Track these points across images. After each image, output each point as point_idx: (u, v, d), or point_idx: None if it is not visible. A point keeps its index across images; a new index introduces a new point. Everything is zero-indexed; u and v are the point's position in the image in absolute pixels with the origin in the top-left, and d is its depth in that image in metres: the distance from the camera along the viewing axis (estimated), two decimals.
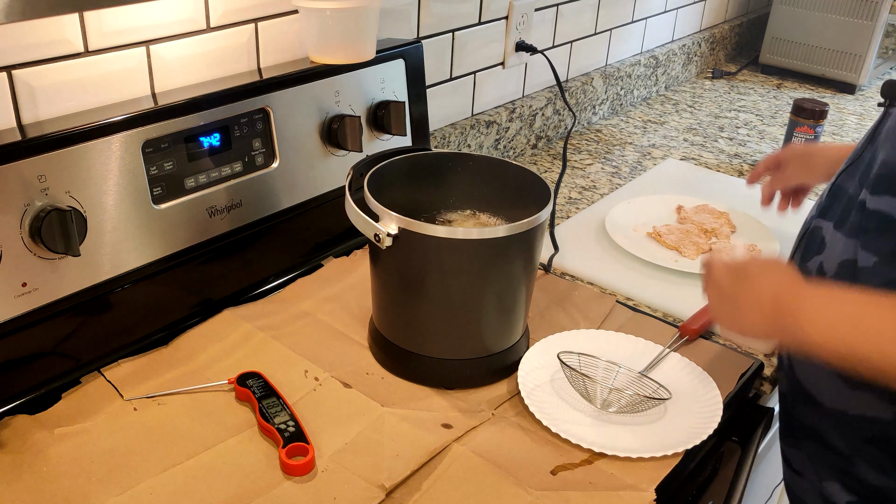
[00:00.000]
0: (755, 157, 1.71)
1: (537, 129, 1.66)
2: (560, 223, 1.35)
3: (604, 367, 0.95)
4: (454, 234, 0.85)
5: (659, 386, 0.92)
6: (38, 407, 0.85)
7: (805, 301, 0.75)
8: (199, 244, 0.99)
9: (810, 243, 0.91)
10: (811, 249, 0.90)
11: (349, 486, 0.78)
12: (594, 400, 0.90)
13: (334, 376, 0.92)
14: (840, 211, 0.86)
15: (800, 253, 0.93)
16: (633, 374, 0.95)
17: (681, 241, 1.29)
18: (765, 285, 0.79)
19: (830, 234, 0.87)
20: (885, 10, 2.05)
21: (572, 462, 0.83)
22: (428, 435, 0.85)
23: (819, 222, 0.90)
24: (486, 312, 0.91)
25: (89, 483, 0.77)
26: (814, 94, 2.15)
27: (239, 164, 1.02)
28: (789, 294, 0.76)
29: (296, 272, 1.12)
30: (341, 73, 1.11)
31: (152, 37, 0.97)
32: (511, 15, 1.50)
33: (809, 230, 0.92)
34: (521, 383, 0.91)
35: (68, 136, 0.84)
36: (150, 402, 0.87)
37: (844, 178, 0.88)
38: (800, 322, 0.74)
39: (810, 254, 0.90)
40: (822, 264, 0.87)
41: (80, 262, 0.87)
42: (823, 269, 0.87)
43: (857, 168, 0.87)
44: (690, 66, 2.19)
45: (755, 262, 0.82)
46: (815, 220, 0.91)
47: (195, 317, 1.00)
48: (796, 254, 0.95)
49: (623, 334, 1.02)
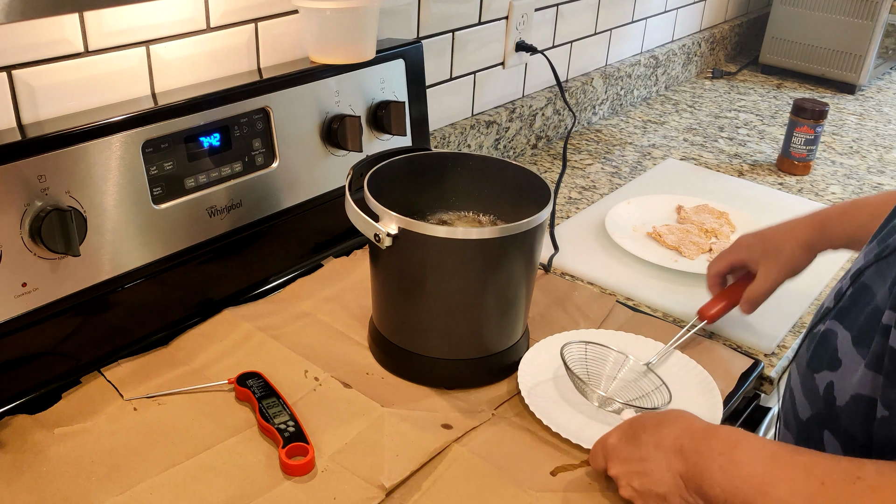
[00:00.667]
0: (755, 157, 1.71)
1: (537, 129, 1.66)
2: (560, 223, 1.35)
3: (613, 357, 0.95)
4: (454, 234, 0.85)
5: (662, 384, 0.92)
6: (39, 407, 0.85)
7: (709, 458, 0.67)
8: (199, 244, 0.99)
9: (821, 350, 0.73)
10: (822, 360, 0.73)
11: (349, 486, 0.78)
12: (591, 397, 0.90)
13: (334, 376, 0.92)
14: (862, 322, 0.68)
15: (806, 354, 0.77)
16: (639, 366, 0.94)
17: (681, 241, 1.29)
18: (667, 443, 0.71)
19: (847, 349, 0.69)
20: (885, 10, 2.05)
21: (572, 462, 0.83)
22: (428, 435, 0.85)
23: (834, 326, 0.72)
24: (486, 312, 0.91)
25: (89, 483, 0.77)
26: (814, 94, 2.15)
27: (239, 164, 1.02)
28: (692, 444, 0.69)
29: (296, 272, 1.12)
30: (341, 73, 1.11)
31: (152, 37, 0.97)
32: (511, 15, 1.50)
33: (822, 333, 0.74)
34: (522, 383, 0.91)
35: (68, 136, 0.84)
36: (150, 402, 0.87)
37: (873, 275, 0.69)
38: (703, 480, 0.67)
39: (820, 366, 0.73)
40: (833, 387, 0.71)
41: (80, 262, 0.87)
42: (834, 394, 0.71)
43: (891, 267, 0.67)
44: (690, 66, 2.19)
45: (652, 416, 0.76)
46: (830, 322, 0.73)
47: (195, 317, 1.00)
48: (801, 352, 0.79)
49: (623, 332, 1.02)
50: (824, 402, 0.72)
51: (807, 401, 0.75)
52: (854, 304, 0.71)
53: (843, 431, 0.70)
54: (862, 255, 0.76)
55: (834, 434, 0.71)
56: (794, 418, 0.78)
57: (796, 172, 1.63)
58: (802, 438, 0.76)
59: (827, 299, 0.79)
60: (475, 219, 1.03)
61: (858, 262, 0.75)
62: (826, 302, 0.78)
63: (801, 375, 0.77)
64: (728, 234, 1.33)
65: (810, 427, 0.74)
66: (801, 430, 0.76)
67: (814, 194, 1.55)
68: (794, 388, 0.78)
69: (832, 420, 0.71)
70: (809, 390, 0.74)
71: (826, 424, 0.72)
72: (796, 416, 0.77)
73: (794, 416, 0.77)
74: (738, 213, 1.39)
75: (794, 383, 0.79)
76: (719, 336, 1.08)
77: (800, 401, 0.76)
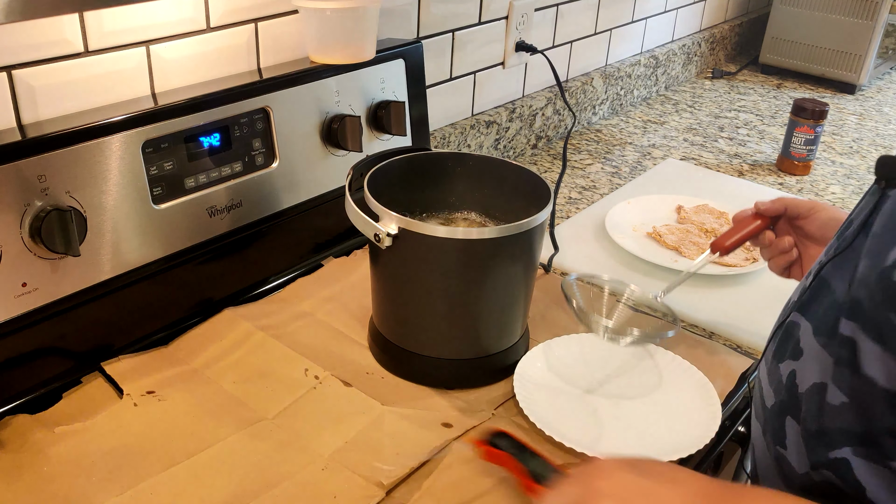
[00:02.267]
0: (755, 157, 1.72)
1: (537, 129, 1.66)
2: (560, 223, 1.35)
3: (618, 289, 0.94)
4: (454, 234, 0.85)
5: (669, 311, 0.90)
6: (39, 406, 0.85)
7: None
8: (199, 244, 0.99)
9: (786, 341, 0.75)
10: (786, 350, 0.75)
11: (349, 484, 0.78)
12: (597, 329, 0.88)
13: (334, 375, 0.92)
14: (821, 314, 0.70)
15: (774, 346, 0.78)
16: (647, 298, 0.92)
17: (681, 241, 1.29)
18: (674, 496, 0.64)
19: (808, 340, 0.71)
20: (885, 10, 2.05)
21: (573, 463, 0.83)
22: (428, 433, 0.85)
23: (797, 318, 0.74)
24: (486, 312, 0.91)
25: (89, 482, 0.77)
26: (814, 94, 2.15)
27: (239, 164, 1.02)
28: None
29: (296, 272, 1.12)
30: (341, 73, 1.11)
31: (152, 37, 0.97)
32: (511, 15, 1.50)
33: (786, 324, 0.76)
34: (517, 388, 0.90)
35: (68, 136, 0.84)
36: (151, 400, 0.87)
37: (831, 270, 0.72)
38: None
39: (784, 355, 0.75)
40: (796, 374, 0.72)
41: (80, 262, 0.87)
42: (796, 382, 0.72)
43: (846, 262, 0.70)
44: (690, 66, 2.19)
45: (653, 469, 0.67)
46: (793, 315, 0.75)
47: (195, 317, 1.00)
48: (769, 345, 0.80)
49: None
50: (787, 391, 0.73)
51: (772, 389, 0.76)
52: (814, 297, 0.73)
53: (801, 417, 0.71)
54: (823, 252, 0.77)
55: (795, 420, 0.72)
56: (761, 408, 0.78)
57: (796, 172, 1.63)
58: (768, 426, 0.77)
59: (793, 294, 0.80)
60: (475, 219, 1.03)
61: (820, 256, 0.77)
62: (792, 296, 0.80)
63: (767, 366, 0.78)
64: None
65: (774, 414, 0.75)
66: (766, 419, 0.77)
67: (814, 194, 1.55)
68: (762, 380, 0.79)
69: (793, 407, 0.72)
70: (774, 379, 0.75)
71: (788, 411, 0.73)
72: (763, 405, 0.78)
73: (762, 405, 0.78)
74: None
75: (761, 375, 0.80)
76: (719, 336, 1.08)
77: (766, 391, 0.77)
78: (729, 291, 1.17)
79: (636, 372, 0.96)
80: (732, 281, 1.21)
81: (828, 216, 0.95)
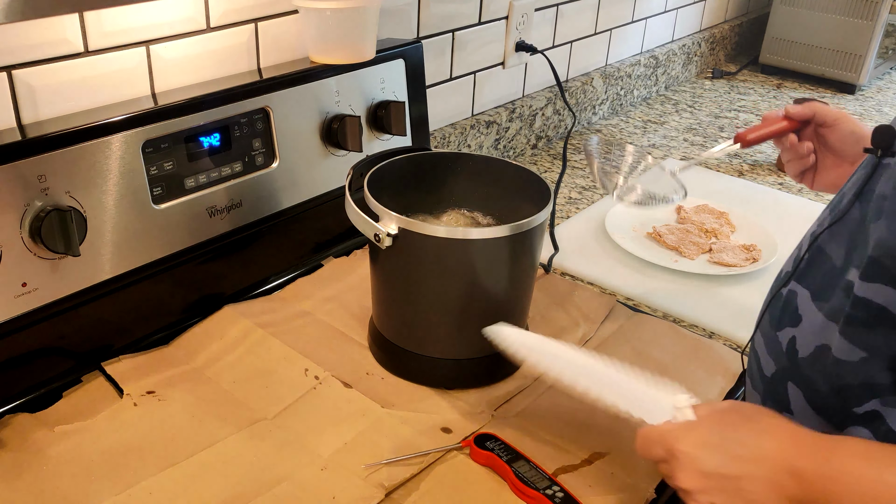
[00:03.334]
0: (755, 157, 1.71)
1: (537, 129, 1.66)
2: (560, 223, 1.35)
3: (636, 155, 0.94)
4: (454, 234, 0.85)
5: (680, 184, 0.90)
6: (39, 406, 0.85)
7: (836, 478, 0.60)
8: (199, 244, 0.99)
9: (783, 310, 0.77)
10: (784, 318, 0.77)
11: (348, 485, 0.78)
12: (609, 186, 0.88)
13: (334, 375, 0.92)
14: (819, 280, 0.74)
15: (769, 316, 0.80)
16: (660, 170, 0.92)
17: (681, 241, 1.29)
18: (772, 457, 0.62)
19: (807, 306, 0.74)
20: (885, 10, 2.05)
21: (572, 464, 0.83)
22: (428, 439, 0.85)
23: (795, 287, 0.77)
24: (485, 312, 0.91)
25: (89, 482, 0.77)
26: (814, 94, 2.15)
27: (239, 164, 1.02)
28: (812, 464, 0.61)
29: (296, 272, 1.12)
30: (341, 73, 1.11)
31: (152, 37, 0.97)
32: (511, 15, 1.50)
33: (784, 295, 0.78)
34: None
35: (68, 136, 0.84)
36: (151, 400, 0.87)
37: (826, 238, 0.75)
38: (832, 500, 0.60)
39: (782, 323, 0.77)
40: (796, 340, 0.74)
41: (80, 262, 0.87)
42: (796, 347, 0.74)
43: (842, 230, 0.73)
44: (690, 66, 2.19)
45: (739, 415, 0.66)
46: (791, 284, 0.77)
47: (195, 317, 1.00)
48: (765, 315, 0.81)
49: None
50: (787, 357, 0.74)
51: (771, 358, 0.77)
52: (811, 265, 0.76)
53: (805, 382, 0.72)
54: (816, 222, 0.80)
55: (797, 385, 0.73)
56: (759, 377, 0.79)
57: None
58: (769, 394, 0.77)
59: (785, 265, 0.82)
60: (475, 219, 1.03)
61: (812, 228, 0.79)
62: (785, 267, 0.81)
63: (764, 336, 0.79)
64: (728, 234, 1.33)
65: (775, 382, 0.76)
66: (766, 387, 0.78)
67: (814, 194, 1.55)
68: (759, 350, 0.80)
69: (795, 372, 0.73)
70: (773, 347, 0.76)
71: (789, 377, 0.74)
72: (762, 374, 0.78)
73: (760, 374, 0.79)
74: (738, 213, 1.39)
75: (757, 345, 0.80)
76: (719, 336, 1.08)
77: (764, 360, 0.78)
78: (729, 291, 1.17)
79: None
80: (732, 281, 1.21)
81: (849, 129, 0.97)
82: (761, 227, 1.33)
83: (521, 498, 0.78)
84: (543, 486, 0.77)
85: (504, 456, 0.80)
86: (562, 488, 0.77)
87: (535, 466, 0.79)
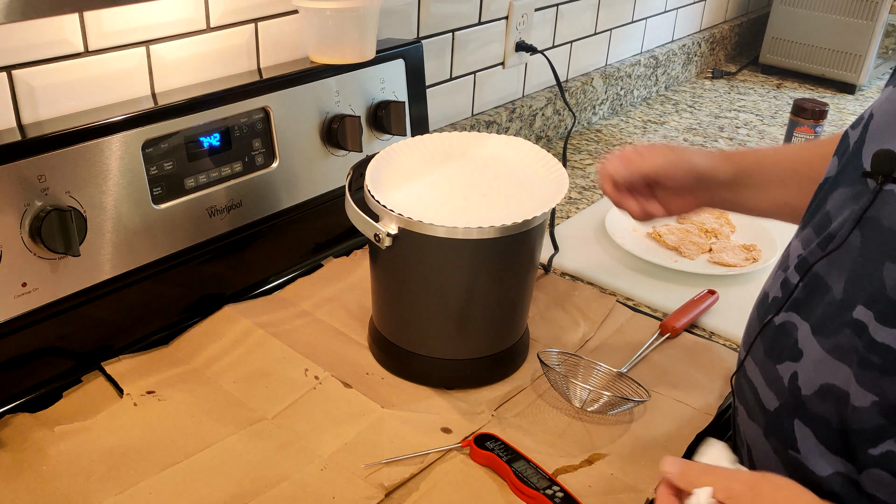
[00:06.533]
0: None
1: (537, 129, 1.66)
2: (560, 223, 1.35)
3: (584, 364, 0.95)
4: (454, 234, 0.85)
5: (638, 386, 0.92)
6: (39, 406, 0.85)
7: None
8: (199, 244, 0.99)
9: (780, 342, 0.73)
10: (783, 351, 0.73)
11: (348, 485, 0.78)
12: (573, 399, 0.90)
13: (334, 375, 0.92)
14: (820, 313, 0.69)
15: (764, 348, 0.76)
16: (612, 373, 0.94)
17: (681, 241, 1.29)
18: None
19: (807, 340, 0.70)
20: (885, 10, 2.05)
21: (572, 464, 0.83)
22: (428, 439, 0.85)
23: (792, 318, 0.72)
24: (485, 312, 0.91)
25: (89, 482, 0.77)
26: (814, 94, 2.15)
27: (239, 164, 1.02)
28: None
29: (296, 272, 1.12)
30: (341, 73, 1.11)
31: (152, 37, 0.97)
32: (511, 15, 1.50)
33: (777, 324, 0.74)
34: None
35: (68, 136, 0.84)
36: (151, 400, 0.87)
37: (825, 267, 0.70)
38: None
39: (783, 357, 0.73)
40: (798, 377, 0.71)
41: (80, 262, 0.87)
42: (798, 384, 0.71)
43: (841, 260, 0.69)
44: (690, 66, 2.19)
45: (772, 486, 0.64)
46: (786, 314, 0.74)
47: (195, 317, 1.00)
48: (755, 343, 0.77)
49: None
50: (790, 393, 0.72)
51: (772, 392, 0.74)
52: (809, 295, 0.71)
53: (814, 419, 0.70)
54: (798, 241, 0.76)
55: (806, 424, 0.71)
56: (759, 410, 0.77)
57: None
58: (771, 430, 0.76)
59: (771, 289, 0.78)
60: None
61: (797, 250, 0.76)
62: (772, 292, 0.78)
63: (759, 366, 0.76)
64: (728, 234, 1.33)
65: (779, 417, 0.74)
66: (768, 421, 0.76)
67: None
68: (755, 381, 0.77)
69: (801, 409, 0.71)
70: (773, 382, 0.74)
71: (796, 414, 0.72)
72: (762, 407, 0.76)
73: (760, 407, 0.77)
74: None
75: (752, 374, 0.78)
76: (719, 336, 1.08)
77: (764, 392, 0.76)
78: (729, 291, 1.17)
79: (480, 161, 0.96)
80: (732, 281, 1.21)
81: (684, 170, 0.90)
82: (761, 227, 1.33)
83: (521, 498, 0.78)
84: (543, 486, 0.77)
85: (504, 456, 0.80)
86: (562, 488, 0.77)
87: (535, 466, 0.79)
